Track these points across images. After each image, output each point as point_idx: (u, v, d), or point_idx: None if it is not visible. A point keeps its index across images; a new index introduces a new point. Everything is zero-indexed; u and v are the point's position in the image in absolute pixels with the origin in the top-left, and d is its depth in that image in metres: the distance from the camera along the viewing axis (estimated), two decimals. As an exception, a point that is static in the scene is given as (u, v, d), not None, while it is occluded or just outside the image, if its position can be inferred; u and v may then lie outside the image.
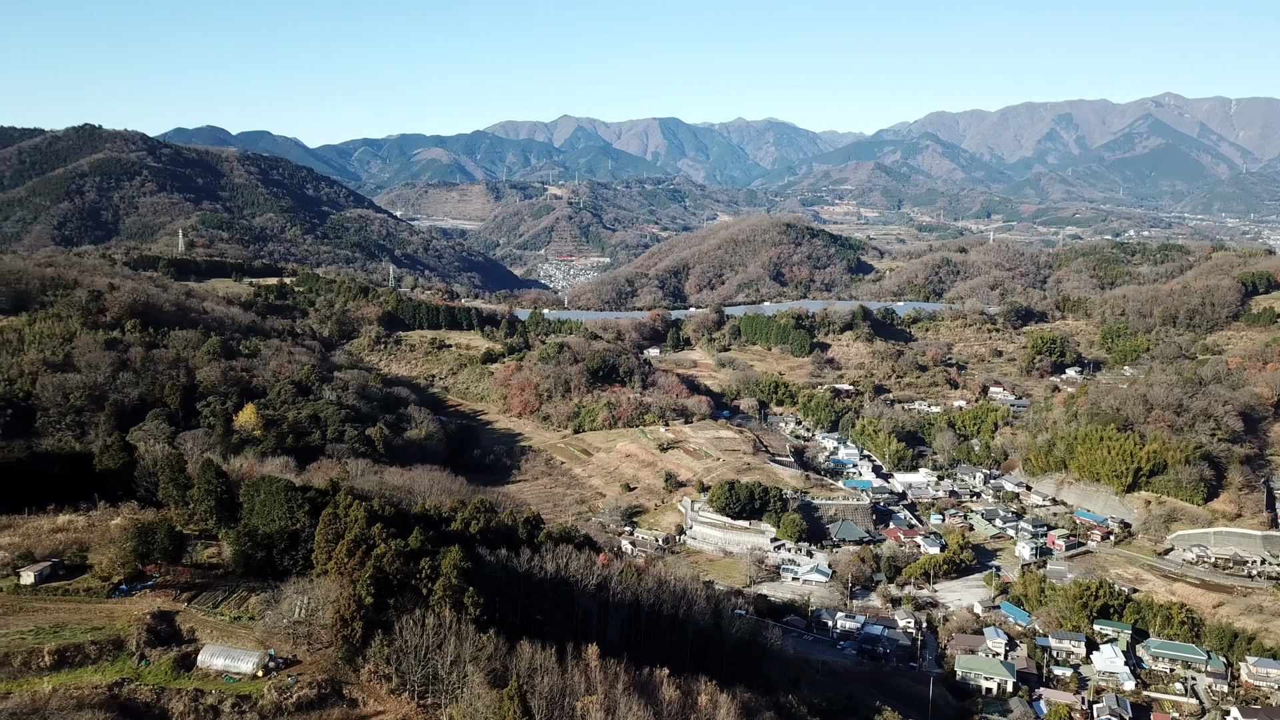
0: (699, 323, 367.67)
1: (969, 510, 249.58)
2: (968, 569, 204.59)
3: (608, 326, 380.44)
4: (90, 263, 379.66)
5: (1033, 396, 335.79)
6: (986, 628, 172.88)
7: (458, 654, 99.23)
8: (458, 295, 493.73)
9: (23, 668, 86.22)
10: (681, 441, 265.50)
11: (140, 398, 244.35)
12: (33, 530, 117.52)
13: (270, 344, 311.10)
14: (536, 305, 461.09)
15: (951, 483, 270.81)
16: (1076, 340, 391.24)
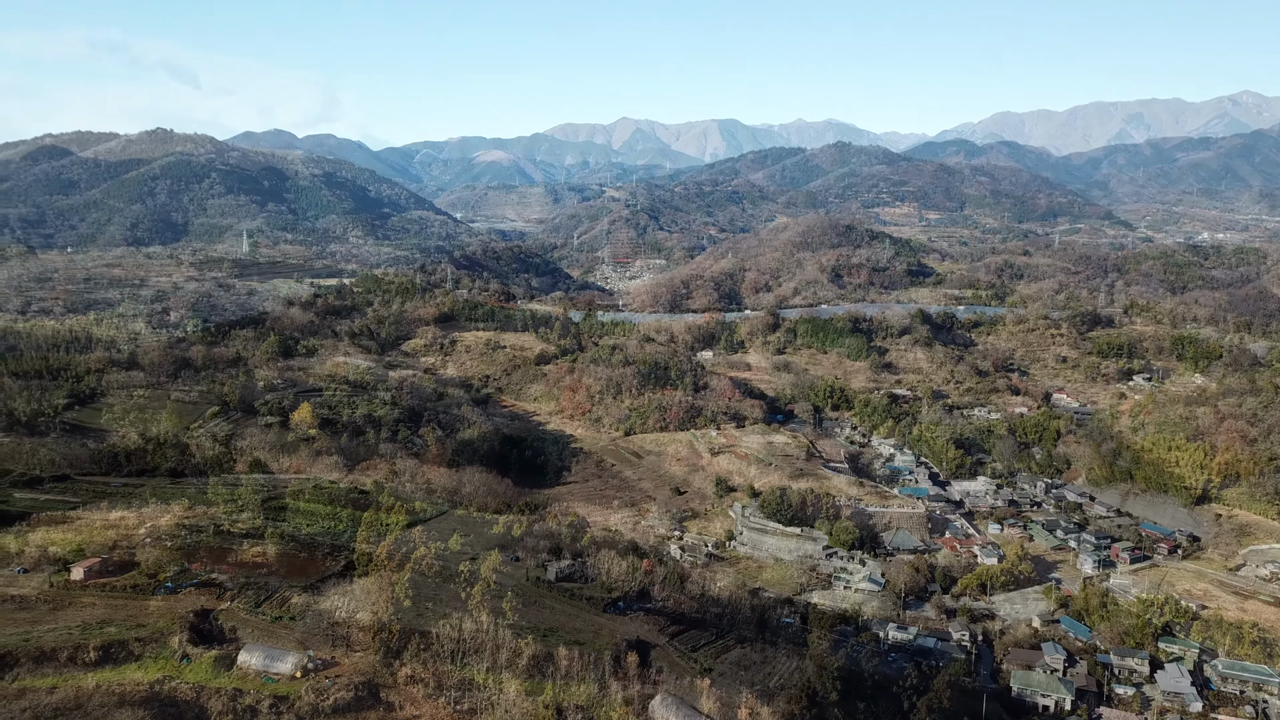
0: (754, 326, 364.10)
1: (1029, 520, 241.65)
2: (1026, 581, 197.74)
3: (661, 329, 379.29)
4: (158, 263, 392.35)
5: (1097, 404, 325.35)
6: (1045, 643, 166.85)
7: (494, 660, 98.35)
8: (514, 297, 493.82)
9: (69, 662, 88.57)
10: (733, 446, 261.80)
11: (201, 395, 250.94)
12: (85, 526, 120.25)
13: (328, 344, 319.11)
14: (591, 307, 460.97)
15: (1011, 491, 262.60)
16: (1145, 346, 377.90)
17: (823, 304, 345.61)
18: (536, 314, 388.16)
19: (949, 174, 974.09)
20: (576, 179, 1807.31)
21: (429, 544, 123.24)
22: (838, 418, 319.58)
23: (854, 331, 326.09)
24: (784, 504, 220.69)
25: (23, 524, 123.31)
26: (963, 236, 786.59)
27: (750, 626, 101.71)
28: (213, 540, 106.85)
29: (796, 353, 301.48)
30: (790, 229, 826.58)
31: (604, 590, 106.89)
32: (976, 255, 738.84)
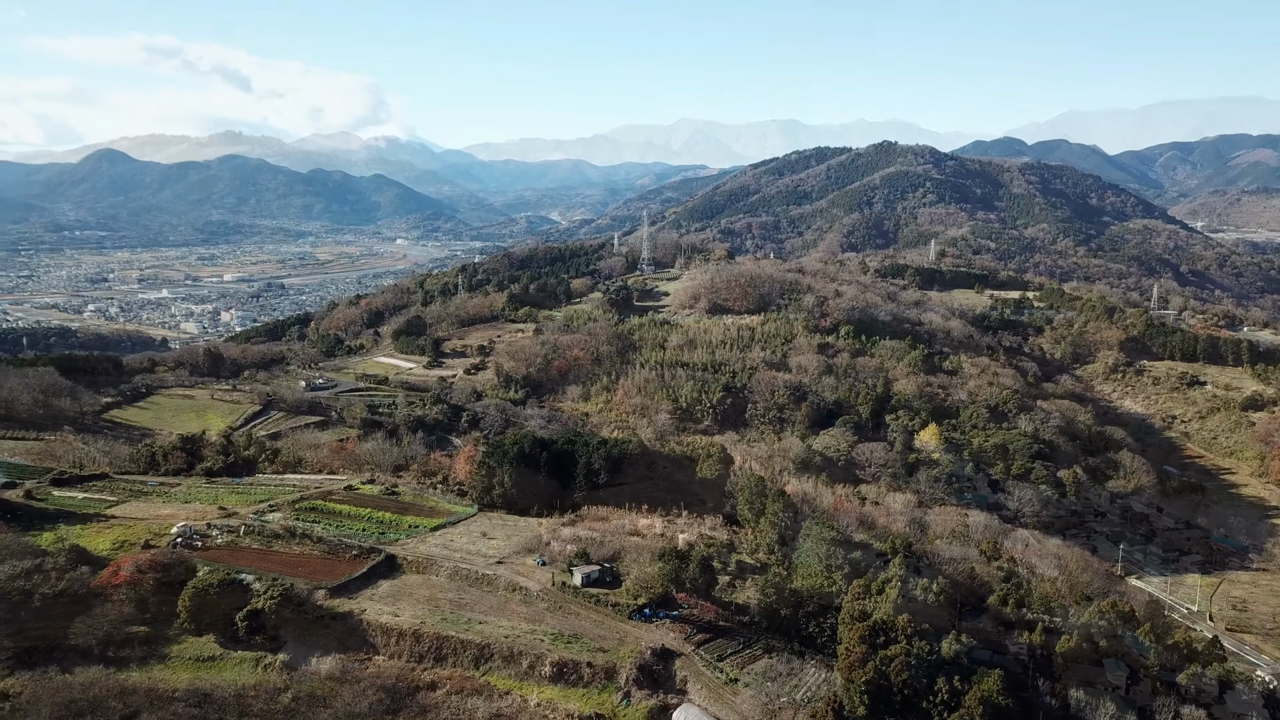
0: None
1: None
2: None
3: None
4: (847, 270, 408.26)
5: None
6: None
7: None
8: (1238, 322, 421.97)
9: (527, 671, 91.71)
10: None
11: (836, 402, 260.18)
12: (612, 529, 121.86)
13: (978, 362, 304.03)
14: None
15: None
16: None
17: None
18: (1258, 346, 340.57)
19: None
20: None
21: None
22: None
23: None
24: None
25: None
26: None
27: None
28: (696, 573, 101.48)
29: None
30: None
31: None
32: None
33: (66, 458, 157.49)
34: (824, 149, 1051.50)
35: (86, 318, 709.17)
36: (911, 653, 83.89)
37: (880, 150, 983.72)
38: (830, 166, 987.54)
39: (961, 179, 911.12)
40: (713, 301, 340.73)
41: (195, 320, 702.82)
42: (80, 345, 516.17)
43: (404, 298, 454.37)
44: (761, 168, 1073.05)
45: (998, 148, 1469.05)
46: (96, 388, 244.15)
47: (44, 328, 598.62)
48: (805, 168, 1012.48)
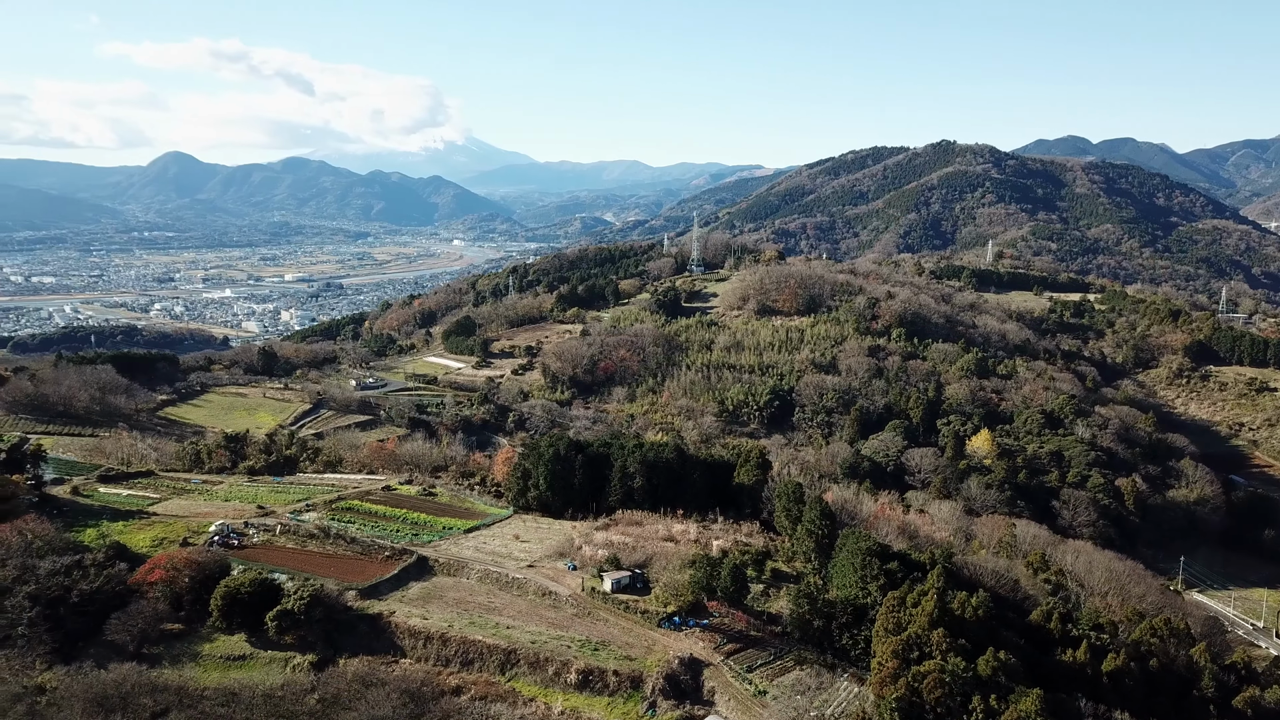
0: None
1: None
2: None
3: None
4: (902, 271, 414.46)
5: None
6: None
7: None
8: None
9: (553, 678, 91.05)
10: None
11: (886, 406, 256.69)
12: (646, 534, 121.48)
13: (1034, 366, 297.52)
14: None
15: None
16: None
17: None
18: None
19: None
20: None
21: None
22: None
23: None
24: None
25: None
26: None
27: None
28: (727, 581, 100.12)
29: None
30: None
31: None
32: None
33: (116, 455, 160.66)
34: (880, 148, 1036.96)
35: (153, 316, 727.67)
36: (946, 669, 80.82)
37: (938, 150, 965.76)
38: (887, 166, 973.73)
39: (1022, 178, 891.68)
40: (761, 303, 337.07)
41: (256, 319, 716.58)
42: (145, 343, 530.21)
43: (456, 298, 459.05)
44: (817, 168, 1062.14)
45: (1060, 146, 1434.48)
46: (153, 385, 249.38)
47: (111, 326, 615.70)
48: (861, 167, 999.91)
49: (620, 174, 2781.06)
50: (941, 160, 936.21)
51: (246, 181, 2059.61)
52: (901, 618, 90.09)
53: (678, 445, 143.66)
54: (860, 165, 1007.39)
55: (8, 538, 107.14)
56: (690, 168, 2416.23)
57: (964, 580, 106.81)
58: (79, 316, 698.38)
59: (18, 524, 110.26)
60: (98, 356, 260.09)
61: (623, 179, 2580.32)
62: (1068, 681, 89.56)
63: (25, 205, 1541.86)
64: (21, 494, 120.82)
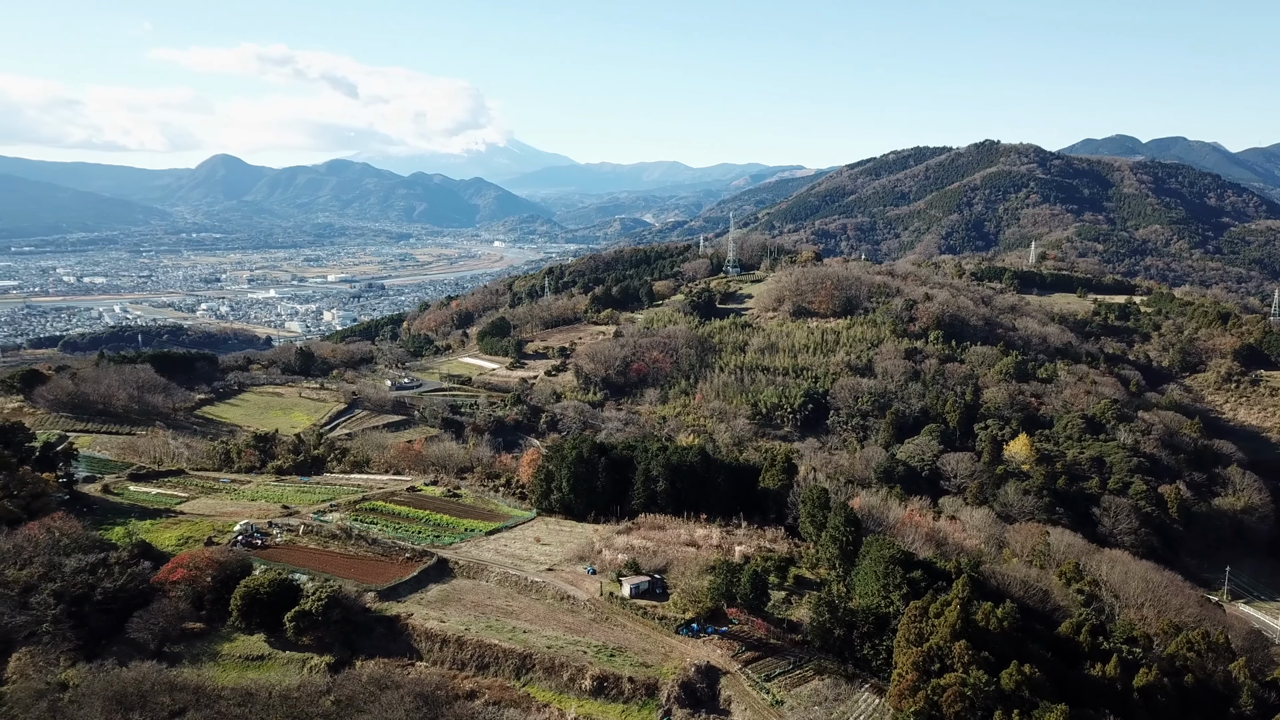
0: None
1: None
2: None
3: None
4: (942, 272, 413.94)
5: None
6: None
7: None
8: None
9: (568, 684, 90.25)
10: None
11: (922, 410, 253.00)
12: (668, 538, 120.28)
13: (1076, 370, 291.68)
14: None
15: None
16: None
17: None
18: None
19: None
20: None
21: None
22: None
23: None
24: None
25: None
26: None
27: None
28: (747, 588, 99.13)
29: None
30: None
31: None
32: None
33: (148, 453, 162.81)
34: (923, 148, 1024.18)
35: (199, 316, 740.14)
36: (968, 683, 78.62)
37: (982, 149, 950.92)
38: (929, 166, 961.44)
39: (1068, 178, 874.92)
40: (797, 304, 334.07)
41: (299, 320, 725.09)
42: (190, 343, 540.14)
43: (493, 299, 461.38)
44: (858, 168, 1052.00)
45: (1109, 146, 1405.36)
46: (191, 384, 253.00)
47: (158, 325, 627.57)
48: (903, 168, 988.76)
49: (660, 175, 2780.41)
50: (985, 160, 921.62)
51: (291, 183, 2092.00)
52: (923, 628, 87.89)
53: (702, 448, 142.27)
54: (902, 165, 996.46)
55: (36, 535, 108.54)
56: (731, 168, 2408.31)
57: (991, 590, 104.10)
58: (128, 316, 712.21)
59: (46, 521, 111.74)
60: (138, 356, 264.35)
61: (663, 180, 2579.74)
62: (1096, 697, 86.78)
63: (79, 207, 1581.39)
64: (51, 492, 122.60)
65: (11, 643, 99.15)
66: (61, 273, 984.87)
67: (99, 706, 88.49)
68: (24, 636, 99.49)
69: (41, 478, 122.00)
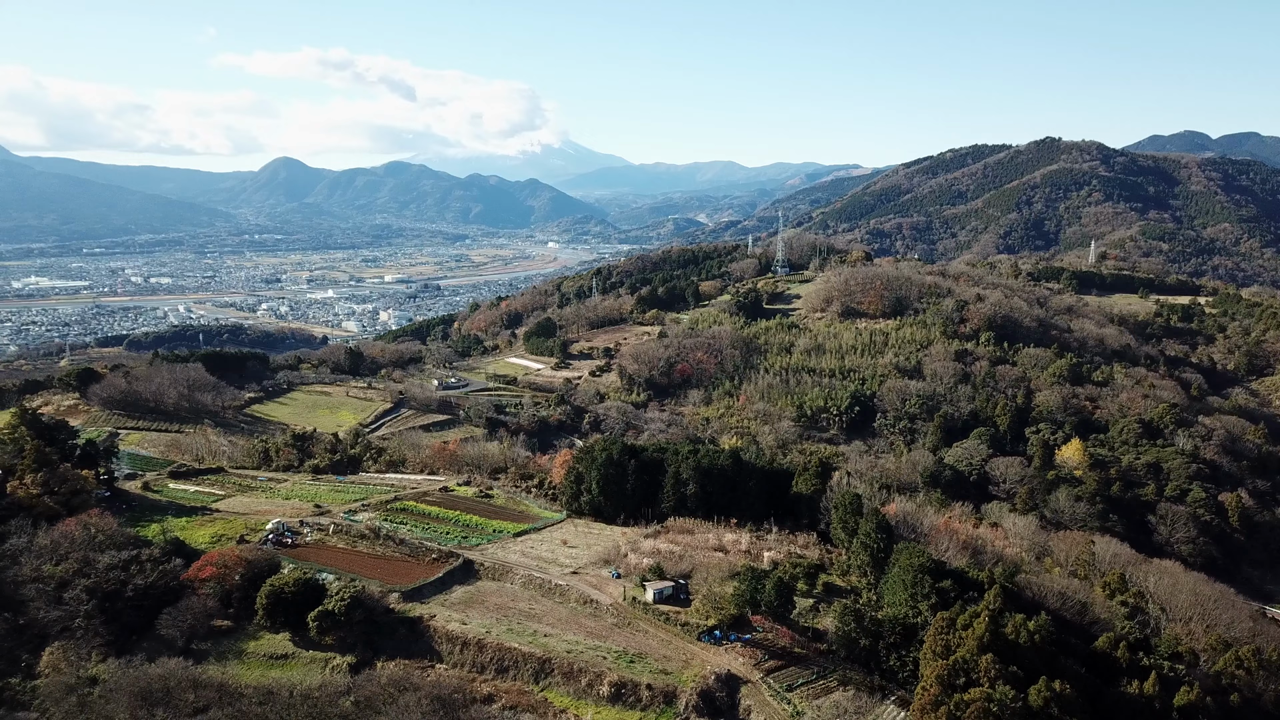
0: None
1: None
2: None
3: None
4: (997, 272, 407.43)
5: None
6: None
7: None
8: None
9: (585, 689, 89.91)
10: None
11: (972, 413, 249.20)
12: (696, 543, 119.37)
13: (1133, 373, 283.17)
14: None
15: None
16: None
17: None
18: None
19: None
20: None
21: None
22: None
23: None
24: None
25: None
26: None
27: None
28: (772, 595, 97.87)
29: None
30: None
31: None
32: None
33: (191, 451, 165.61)
34: (981, 146, 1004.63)
35: (259, 316, 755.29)
36: (993, 699, 75.80)
37: (1042, 147, 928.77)
38: (987, 165, 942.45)
39: (1132, 176, 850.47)
40: (846, 305, 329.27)
41: (356, 319, 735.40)
42: (249, 342, 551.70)
43: (542, 300, 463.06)
44: (914, 166, 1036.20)
45: (1176, 142, 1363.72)
46: (242, 383, 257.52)
47: (220, 325, 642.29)
48: (960, 166, 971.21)
49: (715, 175, 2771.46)
50: (1045, 158, 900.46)
51: (351, 185, 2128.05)
52: (950, 640, 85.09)
53: (734, 451, 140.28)
54: (959, 164, 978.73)
55: (72, 532, 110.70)
56: (786, 167, 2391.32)
57: (1025, 602, 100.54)
58: (191, 316, 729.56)
59: (83, 518, 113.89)
60: (190, 355, 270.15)
61: (717, 180, 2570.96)
62: (1133, 716, 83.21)
63: (147, 209, 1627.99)
64: (90, 489, 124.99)
65: (46, 637, 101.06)
66: (129, 273, 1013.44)
67: (125, 702, 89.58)
68: (58, 631, 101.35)
69: (81, 475, 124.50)
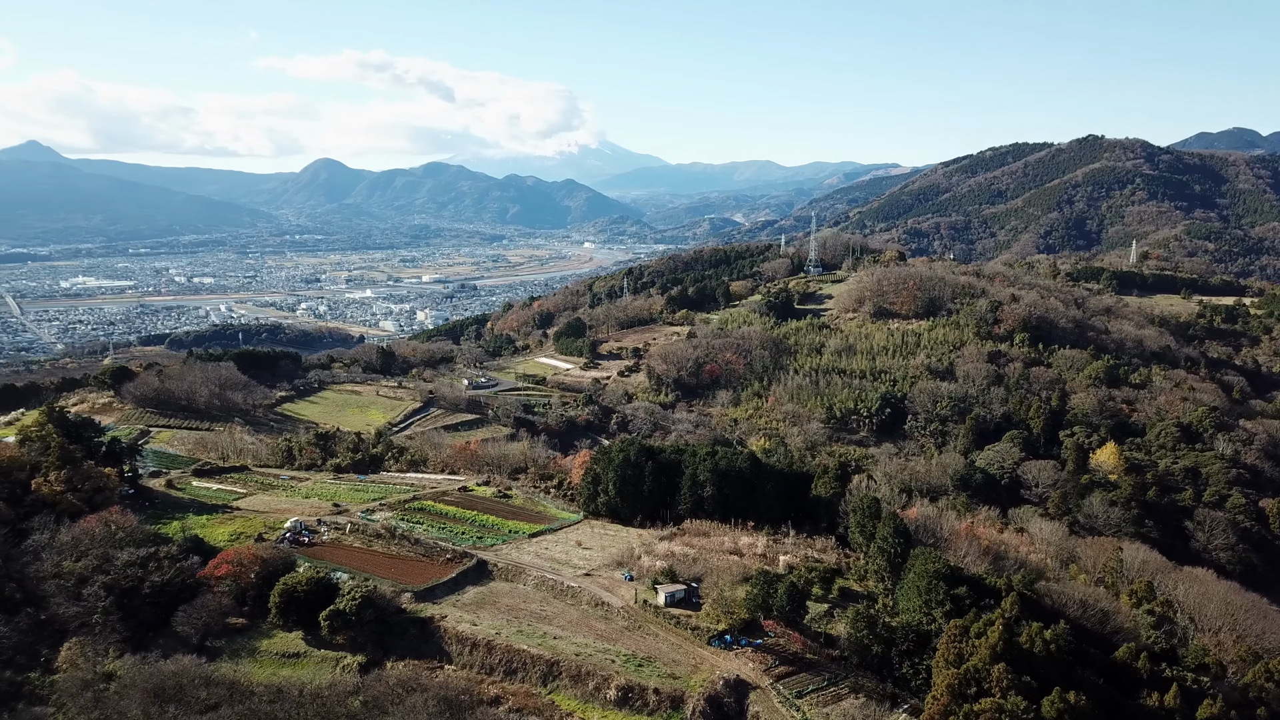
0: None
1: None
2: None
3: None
4: (1035, 272, 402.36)
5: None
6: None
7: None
8: None
9: (593, 693, 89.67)
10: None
11: (1004, 415, 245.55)
12: (711, 546, 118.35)
13: (1173, 375, 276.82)
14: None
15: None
16: None
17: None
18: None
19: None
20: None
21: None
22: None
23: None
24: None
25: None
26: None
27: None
28: (784, 600, 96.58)
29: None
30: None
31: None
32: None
33: (217, 449, 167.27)
34: (1021, 145, 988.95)
35: (298, 315, 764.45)
36: (1005, 709, 74.15)
37: (1084, 145, 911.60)
38: (1028, 163, 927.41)
39: (1177, 174, 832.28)
40: (878, 305, 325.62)
41: (393, 319, 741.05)
42: (288, 341, 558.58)
43: (574, 300, 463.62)
44: (953, 165, 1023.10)
45: (1225, 140, 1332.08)
46: (274, 382, 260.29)
47: (259, 324, 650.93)
48: (1000, 164, 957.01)
49: (752, 174, 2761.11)
50: (1088, 156, 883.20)
51: (390, 186, 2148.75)
52: (963, 649, 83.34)
53: (752, 454, 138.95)
54: (999, 162, 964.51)
55: (93, 528, 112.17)
56: (824, 167, 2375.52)
57: (1045, 610, 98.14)
58: (232, 315, 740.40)
59: (103, 515, 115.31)
60: (223, 354, 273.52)
61: (754, 179, 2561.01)
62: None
63: (191, 210, 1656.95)
64: (112, 486, 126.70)
65: (65, 632, 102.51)
66: (173, 273, 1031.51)
67: (139, 699, 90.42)
68: (76, 626, 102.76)
69: (104, 472, 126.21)
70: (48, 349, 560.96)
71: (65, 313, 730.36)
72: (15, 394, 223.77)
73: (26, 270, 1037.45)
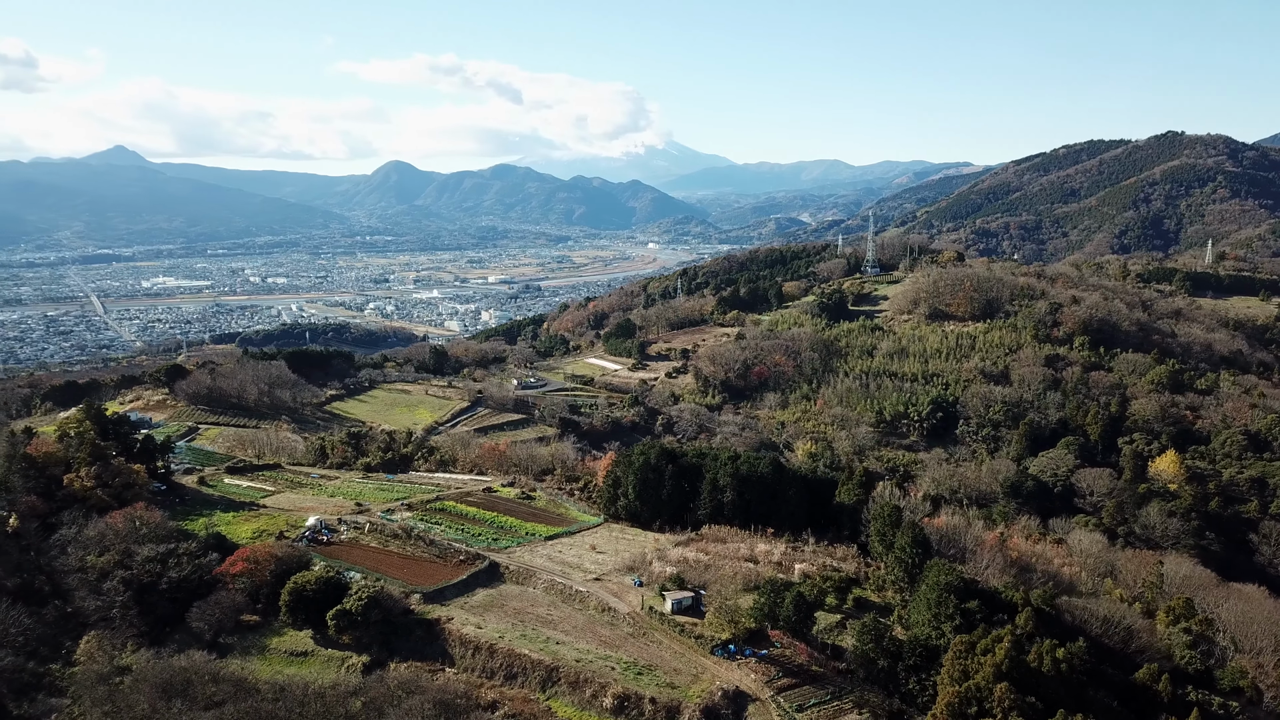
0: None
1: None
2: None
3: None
4: (1104, 273, 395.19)
5: None
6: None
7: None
8: None
9: (589, 700, 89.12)
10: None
11: (1060, 421, 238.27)
12: (727, 552, 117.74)
13: (1242, 380, 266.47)
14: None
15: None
16: None
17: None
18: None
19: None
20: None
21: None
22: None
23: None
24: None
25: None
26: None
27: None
28: (790, 610, 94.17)
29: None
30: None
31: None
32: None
33: (255, 446, 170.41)
34: (1096, 142, 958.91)
35: (367, 315, 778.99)
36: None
37: (1162, 141, 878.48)
38: (1103, 161, 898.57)
39: (1263, 171, 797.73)
40: (933, 306, 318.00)
41: (458, 319, 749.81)
42: (353, 340, 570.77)
43: (629, 300, 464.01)
44: (1025, 164, 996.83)
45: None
46: (325, 381, 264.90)
47: (327, 323, 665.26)
48: (1074, 162, 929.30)
49: (820, 174, 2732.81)
50: (1166, 153, 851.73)
51: (458, 188, 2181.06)
52: (969, 665, 79.99)
53: (774, 459, 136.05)
54: (1073, 160, 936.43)
55: (117, 524, 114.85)
56: (893, 166, 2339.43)
57: (1063, 626, 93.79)
58: (302, 315, 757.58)
59: (129, 511, 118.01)
60: (276, 353, 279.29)
61: (822, 179, 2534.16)
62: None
63: (268, 212, 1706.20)
64: (141, 482, 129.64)
65: (85, 625, 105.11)
66: (248, 273, 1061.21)
67: (148, 693, 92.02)
68: (97, 620, 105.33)
69: (132, 469, 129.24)
70: (127, 346, 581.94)
71: (145, 311, 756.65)
72: (77, 390, 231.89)
73: (111, 270, 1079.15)
